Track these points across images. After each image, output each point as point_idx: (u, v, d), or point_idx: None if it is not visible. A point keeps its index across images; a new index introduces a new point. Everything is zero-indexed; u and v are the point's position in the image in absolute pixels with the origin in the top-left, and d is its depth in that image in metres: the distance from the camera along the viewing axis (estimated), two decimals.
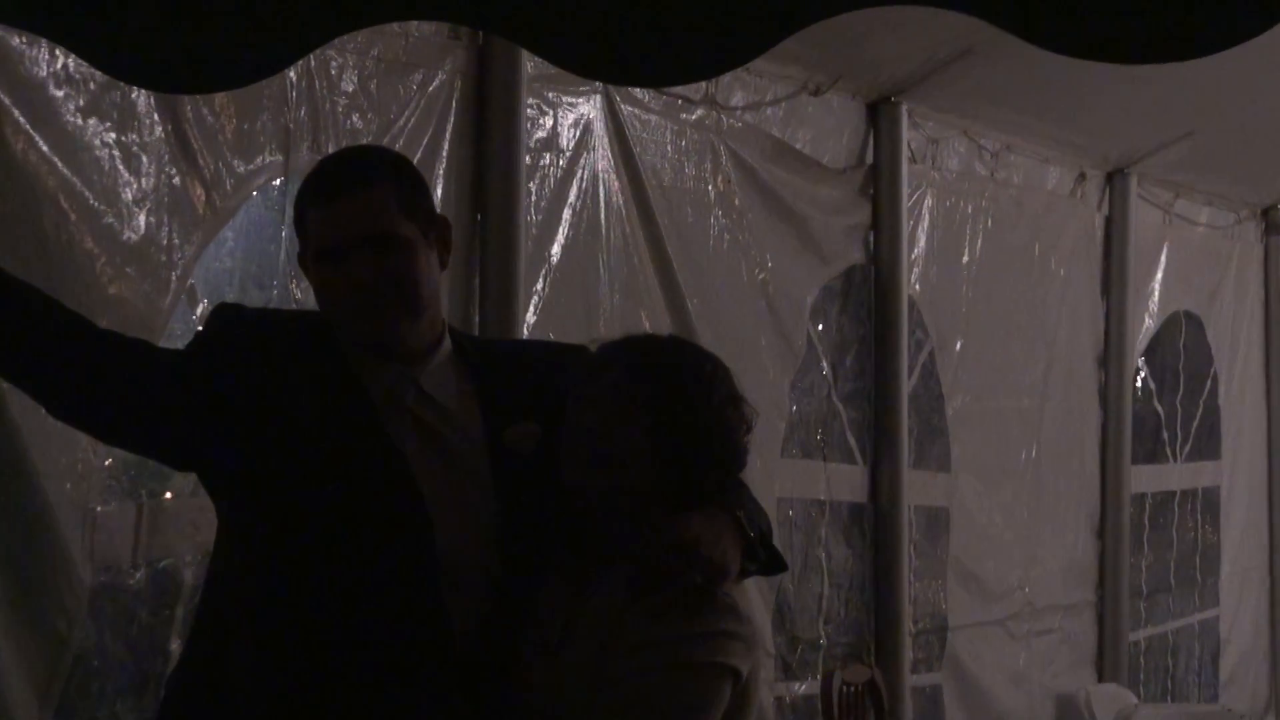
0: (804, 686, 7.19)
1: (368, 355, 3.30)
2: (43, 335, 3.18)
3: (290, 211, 4.89)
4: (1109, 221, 9.33)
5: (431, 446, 3.29)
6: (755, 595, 6.77)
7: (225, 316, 3.36)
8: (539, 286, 5.76)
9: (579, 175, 5.95)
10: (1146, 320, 9.79)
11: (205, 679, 3.31)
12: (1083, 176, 9.06)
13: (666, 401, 3.21)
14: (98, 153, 4.40)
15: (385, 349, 3.29)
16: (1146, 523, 9.99)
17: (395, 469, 3.23)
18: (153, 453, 3.49)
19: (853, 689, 6.76)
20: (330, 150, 4.97)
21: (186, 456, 3.37)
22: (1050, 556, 8.96)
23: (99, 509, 4.38)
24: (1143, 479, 9.76)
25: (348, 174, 3.30)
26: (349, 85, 5.11)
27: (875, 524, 7.60)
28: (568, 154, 5.90)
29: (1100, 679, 9.32)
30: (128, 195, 4.47)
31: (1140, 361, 9.77)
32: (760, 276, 6.90)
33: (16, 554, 4.15)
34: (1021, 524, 8.68)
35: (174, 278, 4.59)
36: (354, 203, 3.25)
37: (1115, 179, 9.29)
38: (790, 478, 7.09)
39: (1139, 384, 9.77)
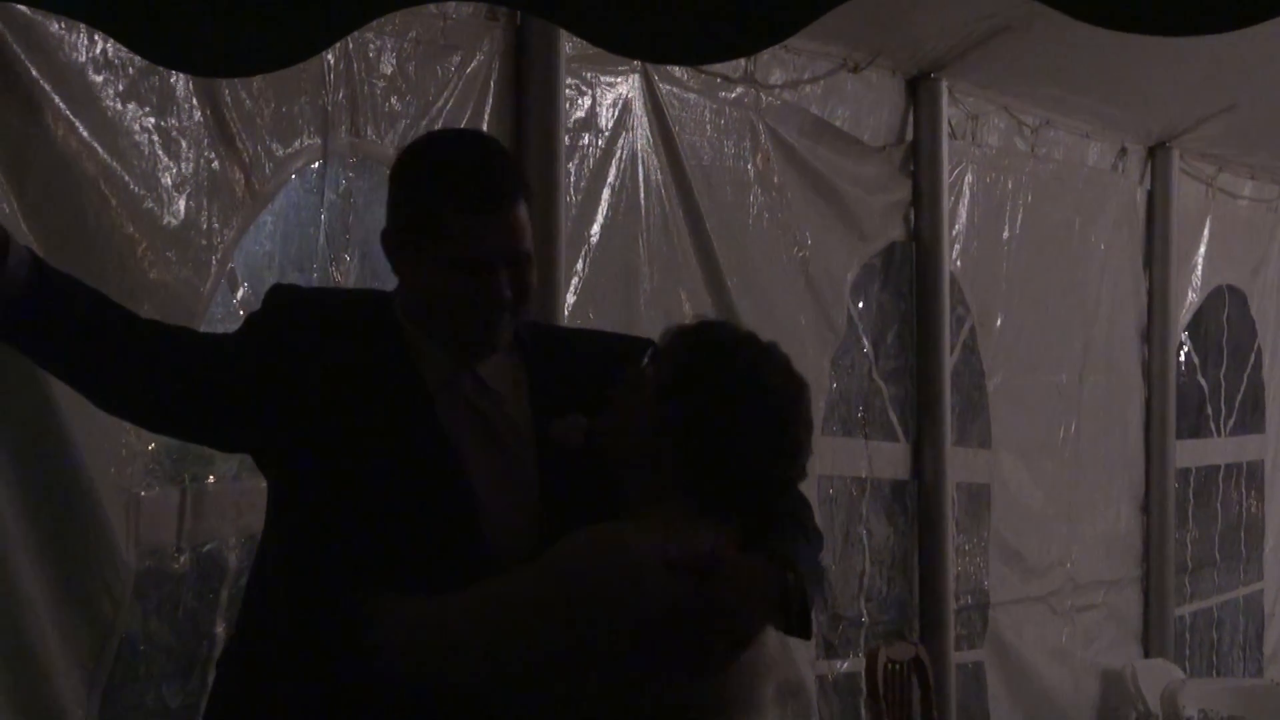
0: (846, 664, 7.18)
1: (435, 341, 3.29)
2: (87, 329, 3.18)
3: (328, 195, 4.95)
4: (1151, 196, 9.29)
5: (482, 431, 3.29)
6: None
7: (281, 296, 3.37)
8: (579, 266, 5.76)
9: (618, 155, 5.94)
10: (1190, 295, 9.75)
11: (255, 661, 3.32)
12: (1124, 151, 9.03)
13: (685, 377, 3.21)
14: (137, 137, 4.41)
15: (476, 349, 3.30)
16: (1191, 497, 9.97)
17: (445, 454, 3.23)
18: (201, 438, 3.51)
19: (898, 666, 6.75)
20: (369, 133, 4.99)
21: (237, 438, 3.37)
22: (1092, 532, 8.94)
23: (142, 493, 4.40)
24: (1187, 453, 9.73)
25: (501, 187, 3.27)
26: (387, 67, 5.10)
27: (919, 501, 7.59)
28: (607, 134, 5.89)
29: (1146, 654, 9.29)
30: (167, 180, 4.48)
31: (1184, 336, 9.73)
32: (800, 254, 6.89)
33: (61, 538, 4.17)
34: (1062, 500, 8.66)
35: (214, 262, 4.59)
36: (507, 220, 3.24)
37: (1157, 153, 9.25)
38: (831, 455, 7.08)
39: (1182, 358, 9.73)
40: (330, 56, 4.85)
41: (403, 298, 3.35)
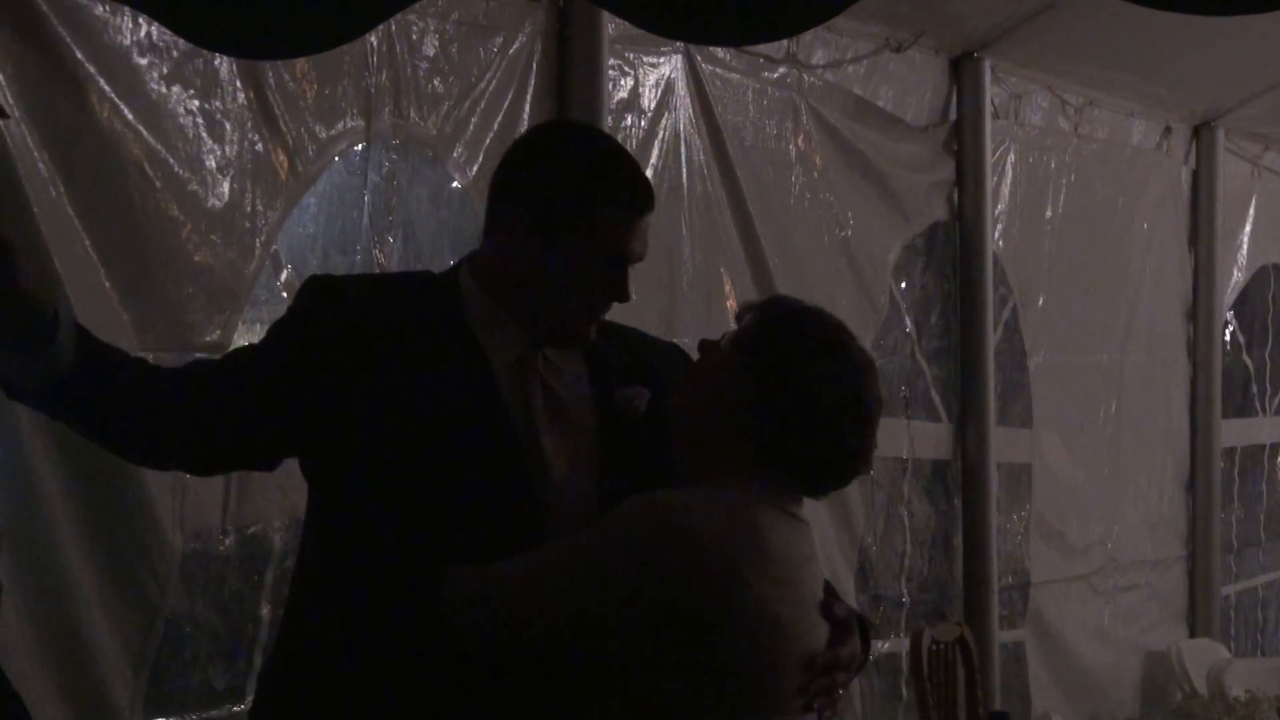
0: (887, 645, 7.18)
1: (521, 320, 3.29)
2: (131, 398, 3.14)
3: (371, 177, 4.96)
4: (1196, 175, 9.25)
5: (555, 409, 3.29)
6: (836, 554, 6.78)
7: (319, 288, 3.33)
8: None
9: (661, 136, 5.93)
10: (1235, 274, 9.71)
11: (302, 669, 3.29)
12: (1168, 130, 8.98)
13: (765, 337, 3.23)
14: (181, 120, 4.42)
15: (580, 337, 3.33)
16: (1236, 477, 9.93)
17: (517, 433, 3.23)
18: (260, 459, 3.43)
19: (942, 647, 6.74)
20: (412, 115, 5.00)
21: (294, 445, 3.31)
22: (1134, 512, 8.91)
23: (188, 476, 4.41)
24: (1232, 432, 9.69)
25: (649, 192, 3.34)
26: (430, 49, 5.11)
27: (963, 481, 7.57)
28: (649, 114, 5.88)
29: (1192, 634, 9.27)
30: (211, 162, 4.49)
31: (1229, 315, 9.69)
32: (842, 235, 6.87)
33: (108, 522, 4.19)
34: (1103, 479, 8.64)
35: (258, 244, 4.61)
36: (646, 224, 3.32)
37: (1202, 132, 9.20)
38: None
39: (1228, 337, 9.69)
40: (373, 39, 4.85)
41: (502, 275, 3.30)
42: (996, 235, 7.71)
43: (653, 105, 5.90)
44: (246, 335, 4.51)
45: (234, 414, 3.23)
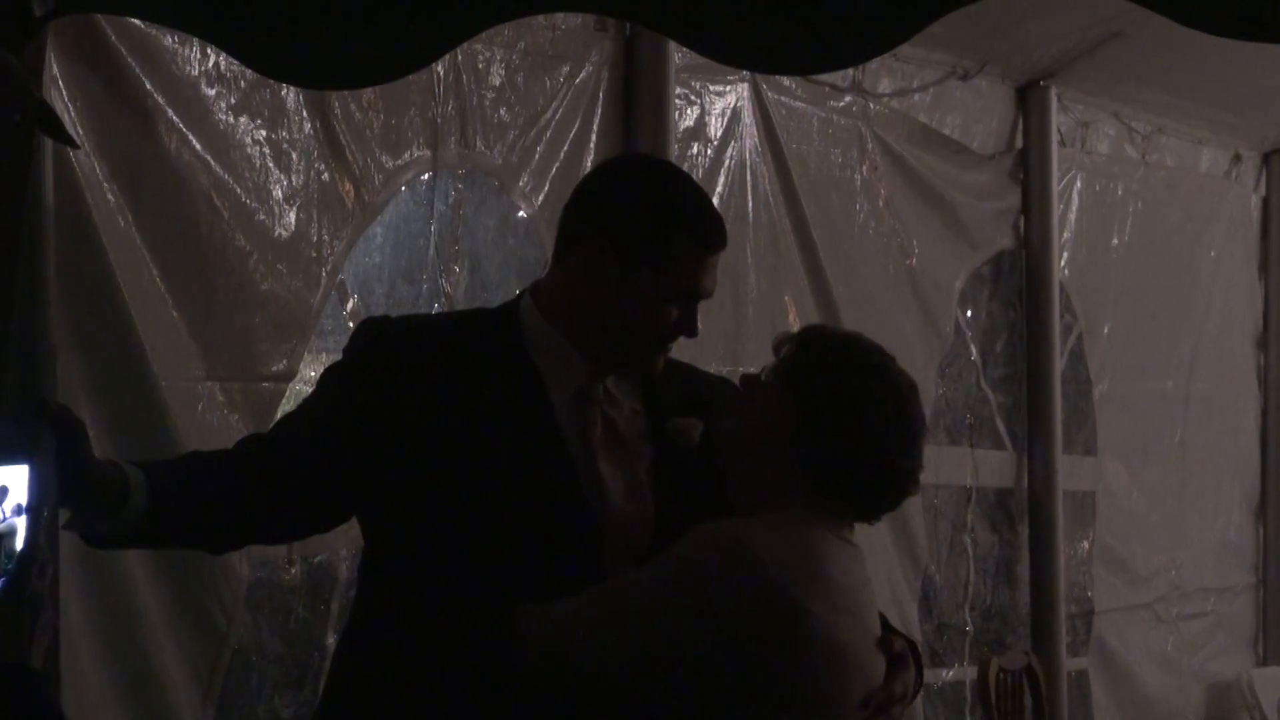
0: (951, 673, 7.15)
1: (584, 349, 3.28)
2: (202, 519, 3.17)
3: (437, 206, 4.97)
4: (1266, 202, 9.20)
5: (614, 440, 3.29)
6: (900, 582, 6.76)
7: (373, 331, 3.32)
8: None
9: (726, 164, 5.94)
10: None
11: (359, 705, 3.28)
12: (1238, 157, 8.94)
13: (807, 364, 3.22)
14: (249, 150, 4.45)
15: (644, 368, 3.33)
16: None
17: (576, 468, 3.23)
18: (318, 526, 3.45)
19: (1010, 675, 6.72)
20: (478, 144, 5.01)
21: (355, 497, 3.31)
22: (1200, 539, 8.86)
23: None
24: None
25: (724, 231, 3.34)
26: (496, 79, 5.12)
27: (1029, 509, 7.55)
28: (715, 143, 5.89)
29: (1263, 662, 9.20)
30: (278, 192, 4.51)
31: None
32: (907, 263, 6.86)
33: (175, 551, 4.20)
34: (1168, 507, 8.59)
35: (324, 273, 4.63)
36: (717, 262, 3.31)
37: (1272, 159, 9.15)
38: (936, 464, 7.04)
39: None
40: (439, 68, 4.87)
41: (571, 304, 3.29)
42: (1062, 263, 7.68)
43: (719, 134, 5.91)
44: (313, 365, 4.53)
45: (302, 479, 3.22)
